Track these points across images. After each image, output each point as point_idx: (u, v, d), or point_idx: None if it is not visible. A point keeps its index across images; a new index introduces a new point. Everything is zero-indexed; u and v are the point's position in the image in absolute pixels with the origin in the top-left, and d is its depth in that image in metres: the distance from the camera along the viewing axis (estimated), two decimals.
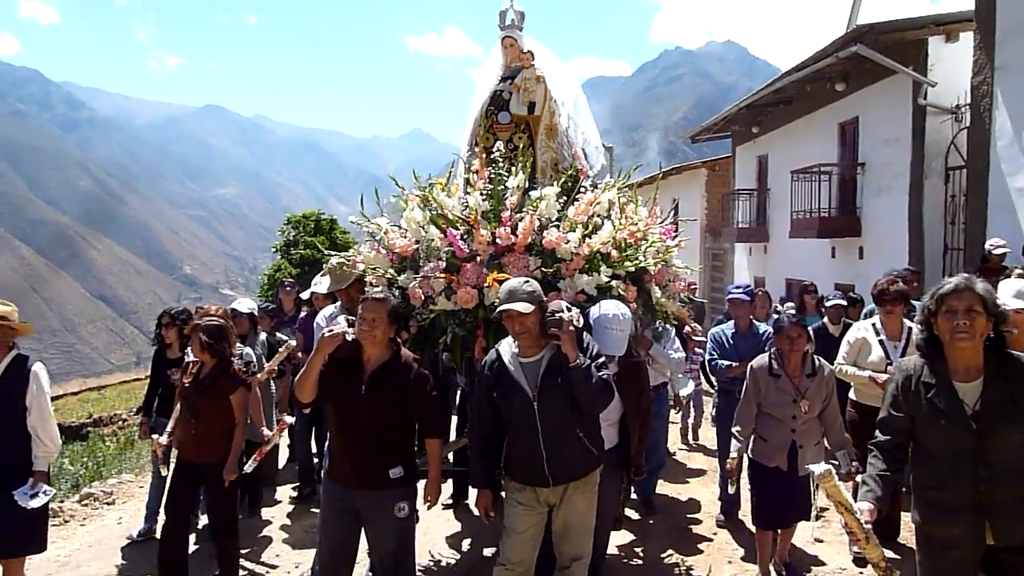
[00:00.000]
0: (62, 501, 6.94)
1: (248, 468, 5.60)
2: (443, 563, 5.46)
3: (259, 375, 5.98)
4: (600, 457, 3.95)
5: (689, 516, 6.43)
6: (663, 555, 5.55)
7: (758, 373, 4.86)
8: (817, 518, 5.23)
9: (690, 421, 8.96)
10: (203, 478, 4.89)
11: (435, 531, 5.95)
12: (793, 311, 7.08)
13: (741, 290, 6.46)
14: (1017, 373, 2.90)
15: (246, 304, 6.67)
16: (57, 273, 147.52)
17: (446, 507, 6.30)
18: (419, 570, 4.83)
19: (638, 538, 5.85)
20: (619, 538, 5.71)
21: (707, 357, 6.38)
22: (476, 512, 4.13)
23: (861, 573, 5.11)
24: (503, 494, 4.10)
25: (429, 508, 4.26)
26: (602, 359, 3.79)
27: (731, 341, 6.17)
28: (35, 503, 4.36)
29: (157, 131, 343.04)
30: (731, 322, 6.40)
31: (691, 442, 8.94)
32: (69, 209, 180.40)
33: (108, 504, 7.05)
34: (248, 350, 5.94)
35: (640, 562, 5.47)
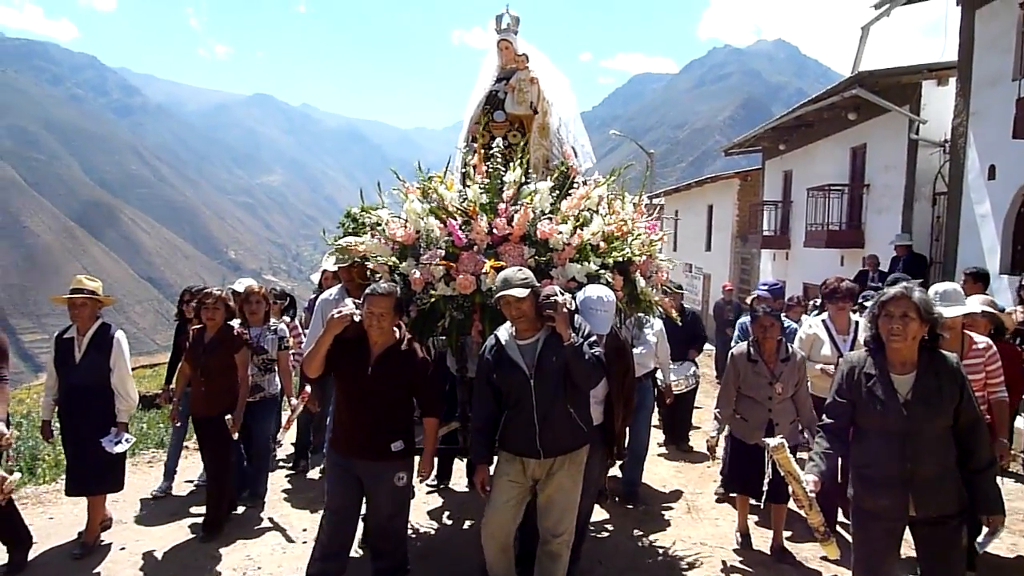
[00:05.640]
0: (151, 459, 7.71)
1: (281, 437, 6.09)
2: (422, 531, 5.77)
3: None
4: (589, 435, 4.13)
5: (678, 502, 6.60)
6: (636, 534, 5.78)
7: (738, 359, 5.19)
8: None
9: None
10: (207, 428, 5.30)
11: (418, 508, 6.10)
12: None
13: (767, 287, 7.42)
14: (945, 370, 3.26)
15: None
16: (107, 254, 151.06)
17: (430, 489, 6.51)
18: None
19: (616, 519, 6.03)
20: (597, 516, 5.85)
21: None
22: (471, 489, 4.40)
23: None
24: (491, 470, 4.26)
25: (422, 481, 4.58)
26: (593, 338, 3.96)
27: None
28: (119, 448, 4.98)
29: (206, 118, 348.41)
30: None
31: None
32: (121, 192, 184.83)
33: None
34: (283, 326, 6.34)
35: (607, 533, 5.72)
